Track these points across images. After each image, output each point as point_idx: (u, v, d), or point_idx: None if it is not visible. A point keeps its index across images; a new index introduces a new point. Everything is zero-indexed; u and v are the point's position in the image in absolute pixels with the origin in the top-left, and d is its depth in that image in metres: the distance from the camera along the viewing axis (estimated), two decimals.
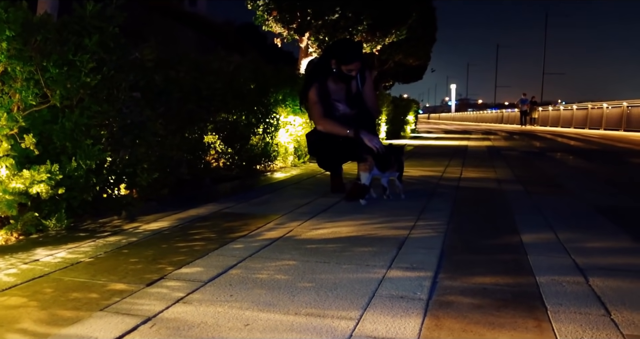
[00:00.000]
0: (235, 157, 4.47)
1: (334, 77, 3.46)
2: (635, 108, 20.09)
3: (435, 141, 11.80)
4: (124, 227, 2.53)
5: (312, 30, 9.18)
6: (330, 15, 8.74)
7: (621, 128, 20.59)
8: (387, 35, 10.28)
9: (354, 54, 3.41)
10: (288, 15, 8.86)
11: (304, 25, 8.96)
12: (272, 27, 9.15)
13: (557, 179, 4.91)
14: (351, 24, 8.99)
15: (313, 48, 9.65)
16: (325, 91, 3.46)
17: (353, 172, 3.63)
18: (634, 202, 3.62)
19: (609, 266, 2.01)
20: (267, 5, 8.82)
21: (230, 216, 2.87)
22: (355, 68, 3.39)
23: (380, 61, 17.22)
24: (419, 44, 17.88)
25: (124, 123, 2.76)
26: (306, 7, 8.68)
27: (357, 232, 2.52)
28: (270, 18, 8.98)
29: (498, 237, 2.48)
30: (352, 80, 3.49)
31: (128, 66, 2.74)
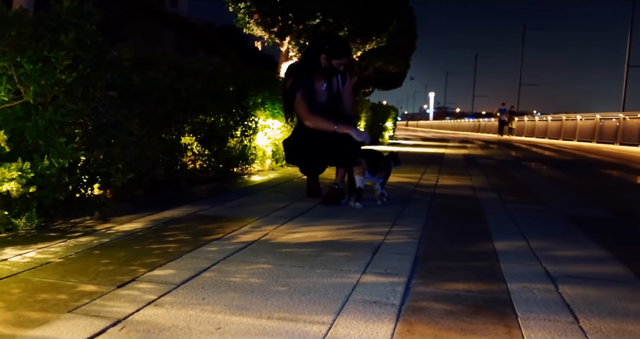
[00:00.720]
0: (212, 159, 4.44)
1: (318, 75, 3.45)
2: (608, 120, 20.56)
3: (413, 148, 11.89)
4: (97, 228, 2.49)
5: (293, 35, 9.19)
6: (311, 20, 8.76)
7: (594, 140, 21.04)
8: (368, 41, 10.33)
9: (344, 47, 3.47)
10: (269, 19, 8.85)
11: (285, 29, 8.96)
12: (253, 30, 9.12)
13: (531, 188, 4.98)
14: (332, 30, 9.00)
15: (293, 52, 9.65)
16: (309, 88, 3.45)
17: (330, 177, 3.63)
18: (604, 213, 3.70)
19: (579, 274, 2.05)
20: (249, 8, 8.79)
21: (206, 218, 2.84)
22: (344, 63, 3.43)
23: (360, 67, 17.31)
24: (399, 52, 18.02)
25: (99, 122, 2.72)
26: (288, 11, 8.68)
27: (332, 237, 2.52)
28: (251, 21, 8.95)
29: (472, 244, 2.50)
30: (333, 79, 3.49)
31: (105, 65, 2.71)
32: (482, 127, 40.62)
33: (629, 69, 28.68)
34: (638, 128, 17.99)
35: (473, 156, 9.66)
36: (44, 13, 2.45)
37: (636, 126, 18.16)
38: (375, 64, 17.47)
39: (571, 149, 14.85)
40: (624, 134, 18.94)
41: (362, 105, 10.72)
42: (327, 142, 3.36)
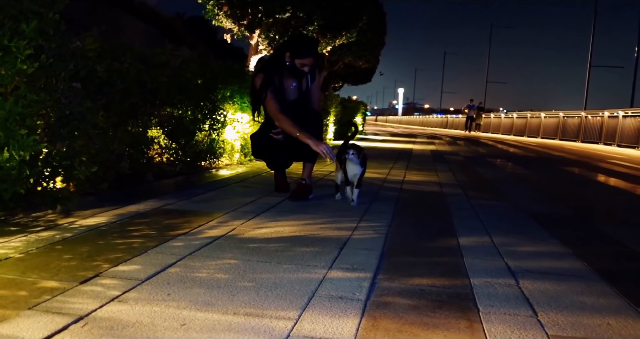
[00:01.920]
0: (179, 152, 4.39)
1: (286, 73, 3.44)
2: (570, 119, 21.14)
3: (382, 144, 11.98)
4: (59, 222, 2.44)
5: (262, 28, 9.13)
6: (281, 13, 8.72)
7: (557, 137, 21.60)
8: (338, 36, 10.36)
9: (309, 48, 3.43)
10: (239, 11, 8.77)
11: (255, 22, 8.89)
12: (223, 22, 9.03)
13: (495, 184, 5.09)
14: (302, 24, 8.99)
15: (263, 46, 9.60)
16: (279, 87, 3.45)
17: (298, 172, 3.64)
18: (564, 209, 3.81)
19: (539, 269, 2.11)
20: (218, 0, 8.70)
21: (172, 212, 2.82)
22: (308, 63, 3.40)
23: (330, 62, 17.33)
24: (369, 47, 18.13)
25: (62, 114, 2.65)
26: (257, 4, 8.62)
27: (299, 232, 2.52)
28: (220, 13, 8.86)
29: (437, 239, 2.55)
30: (302, 78, 3.49)
31: (68, 55, 2.64)
32: (450, 123, 41.21)
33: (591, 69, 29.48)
34: (599, 126, 18.55)
35: (440, 152, 9.80)
36: (5, 0, 2.37)
37: (597, 124, 18.72)
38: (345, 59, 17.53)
39: (535, 146, 15.20)
40: (586, 132, 19.51)
41: (331, 99, 10.73)
42: (294, 137, 3.37)
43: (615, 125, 17.24)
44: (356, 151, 3.27)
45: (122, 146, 3.41)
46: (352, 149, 3.27)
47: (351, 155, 3.25)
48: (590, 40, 29.33)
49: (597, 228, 3.14)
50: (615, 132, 17.20)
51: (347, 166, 3.30)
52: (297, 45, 3.41)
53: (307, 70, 3.42)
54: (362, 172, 3.32)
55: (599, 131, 18.42)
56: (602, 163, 9.40)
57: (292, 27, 9.03)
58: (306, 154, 3.44)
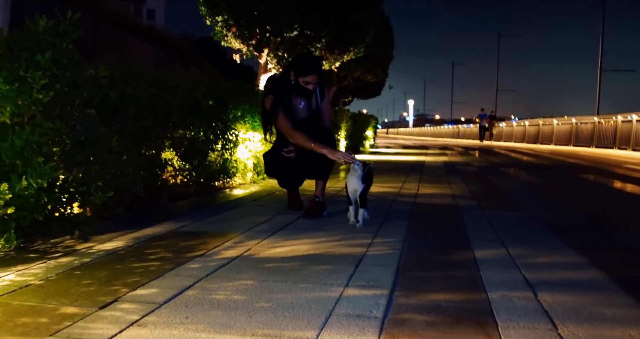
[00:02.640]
0: (193, 173, 4.42)
1: (294, 92, 3.49)
2: (583, 125, 20.96)
3: (394, 157, 11.98)
4: (77, 248, 2.47)
5: (271, 47, 9.23)
6: (289, 32, 8.82)
7: (570, 144, 21.42)
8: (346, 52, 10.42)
9: (311, 66, 3.47)
10: (247, 32, 8.89)
11: (263, 41, 9.00)
12: (231, 43, 9.15)
13: (509, 194, 5.06)
14: (310, 42, 9.08)
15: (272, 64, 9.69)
16: (288, 106, 3.49)
17: (311, 189, 3.65)
18: (580, 218, 3.77)
19: (557, 280, 2.09)
20: (226, 22, 8.82)
21: (187, 234, 2.84)
22: (312, 81, 3.43)
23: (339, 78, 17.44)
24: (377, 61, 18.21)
25: (77, 140, 2.70)
26: (265, 24, 8.73)
27: (315, 250, 2.53)
28: (229, 34, 8.98)
29: (452, 253, 2.54)
30: (312, 96, 3.53)
31: (82, 82, 2.70)
32: (462, 133, 41.10)
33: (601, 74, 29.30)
34: (612, 131, 18.37)
35: (453, 164, 9.77)
36: (20, 32, 2.44)
37: (610, 129, 18.55)
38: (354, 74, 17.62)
39: (549, 154, 15.09)
40: (599, 138, 19.32)
41: (341, 115, 10.77)
42: (306, 155, 3.39)
43: (630, 129, 17.07)
44: (362, 163, 3.13)
45: (136, 170, 3.45)
46: (357, 162, 3.13)
47: (356, 165, 3.09)
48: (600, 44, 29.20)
49: (615, 236, 3.11)
50: (629, 136, 17.02)
51: (348, 180, 3.12)
52: (300, 64, 3.47)
53: (312, 87, 3.45)
54: (365, 189, 3.11)
55: (613, 136, 18.24)
56: (617, 169, 9.30)
57: (300, 45, 9.12)
58: (318, 171, 3.46)
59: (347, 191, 3.17)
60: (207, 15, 8.95)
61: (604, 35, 29.07)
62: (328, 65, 10.48)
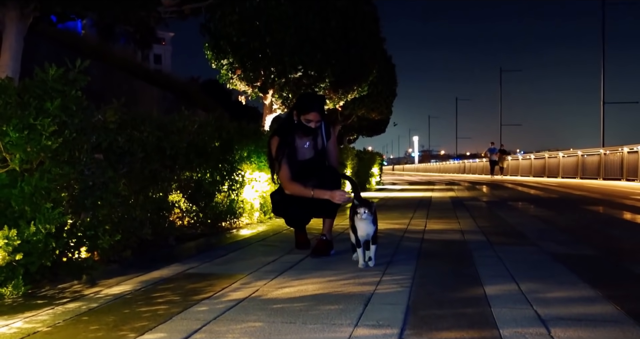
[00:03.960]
0: (200, 215, 4.44)
1: (299, 132, 3.52)
2: (590, 157, 20.93)
3: (400, 193, 11.96)
4: (85, 293, 2.46)
5: (275, 88, 9.39)
6: (293, 73, 8.98)
7: (577, 176, 21.34)
8: (349, 91, 10.58)
9: (312, 103, 3.51)
10: (252, 74, 9.06)
11: (268, 83, 9.16)
12: (237, 85, 9.32)
13: (518, 228, 5.02)
14: (313, 82, 9.23)
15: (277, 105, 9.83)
16: (291, 147, 3.52)
17: (318, 227, 3.64)
18: (591, 250, 3.73)
19: (570, 315, 2.06)
20: (231, 65, 9.01)
21: (195, 276, 2.83)
22: (314, 119, 3.45)
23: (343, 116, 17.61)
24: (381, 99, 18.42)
25: (85, 185, 2.73)
26: (269, 66, 8.91)
27: (323, 289, 2.51)
28: (234, 77, 9.16)
29: (462, 290, 2.51)
30: (317, 136, 3.56)
31: (90, 128, 2.75)
32: (468, 168, 41.09)
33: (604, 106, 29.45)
34: (619, 162, 18.32)
35: (460, 199, 9.73)
36: (30, 81, 2.50)
37: (617, 161, 18.51)
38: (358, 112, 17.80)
39: (556, 186, 15.02)
40: (606, 169, 19.26)
41: (347, 152, 10.83)
42: None
43: (636, 160, 17.02)
44: (368, 208, 3.01)
45: (143, 212, 3.47)
46: (364, 206, 3.01)
47: (365, 214, 2.99)
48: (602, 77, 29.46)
49: (627, 268, 3.07)
50: (636, 167, 16.96)
51: (358, 225, 3.03)
52: (301, 102, 3.54)
53: (314, 125, 3.47)
54: (375, 230, 3.07)
55: (620, 168, 18.18)
56: (626, 200, 9.23)
57: (304, 85, 9.28)
58: (325, 209, 3.46)
59: (356, 235, 3.06)
60: (213, 59, 9.16)
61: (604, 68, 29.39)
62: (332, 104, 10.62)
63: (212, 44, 9.11)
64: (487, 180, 22.48)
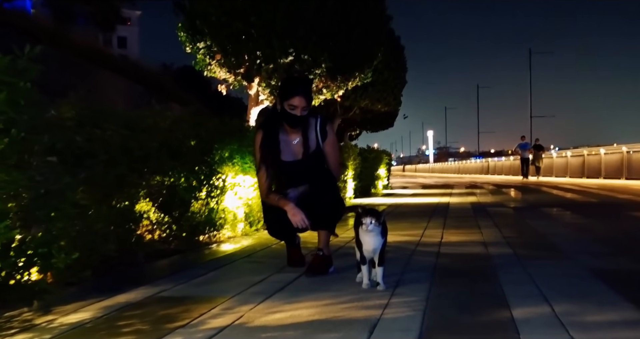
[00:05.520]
0: (173, 227, 4.44)
1: (284, 124, 3.50)
2: (637, 153, 20.93)
3: (412, 199, 11.98)
4: (36, 322, 2.46)
5: (262, 76, 9.38)
6: (283, 58, 8.99)
7: (622, 176, 21.37)
8: (350, 79, 10.58)
9: (296, 86, 3.50)
10: (234, 59, 9.05)
11: (253, 70, 9.16)
12: (216, 72, 9.32)
13: (550, 239, 5.03)
14: (308, 68, 9.23)
15: (264, 95, 9.83)
16: (276, 144, 3.49)
17: (314, 241, 3.64)
18: (635, 265, 3.74)
19: None
20: (210, 49, 9.00)
21: (168, 300, 2.83)
22: (299, 105, 3.41)
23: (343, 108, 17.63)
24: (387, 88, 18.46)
25: (37, 193, 2.72)
26: (255, 50, 8.90)
27: (320, 314, 2.51)
28: (213, 62, 9.15)
29: (485, 313, 2.51)
30: (308, 130, 3.53)
31: (43, 126, 2.74)
32: (492, 168, 41.18)
33: None
34: None
35: (482, 205, 9.76)
36: None
37: None
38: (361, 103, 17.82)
39: (597, 189, 15.07)
40: None
41: (348, 151, 10.84)
42: (307, 201, 3.40)
43: None
44: (376, 218, 2.96)
45: (107, 225, 3.47)
46: (371, 216, 2.95)
47: (371, 225, 2.93)
48: None
49: None
50: None
51: (363, 238, 2.99)
52: (283, 86, 3.56)
53: (299, 113, 3.43)
54: (384, 245, 3.04)
55: None
56: None
57: (296, 72, 9.28)
58: (320, 220, 3.45)
59: (361, 251, 3.04)
60: (188, 42, 9.15)
61: None
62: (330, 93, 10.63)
63: (187, 24, 9.12)
64: (515, 182, 22.51)
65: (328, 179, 3.53)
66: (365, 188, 12.69)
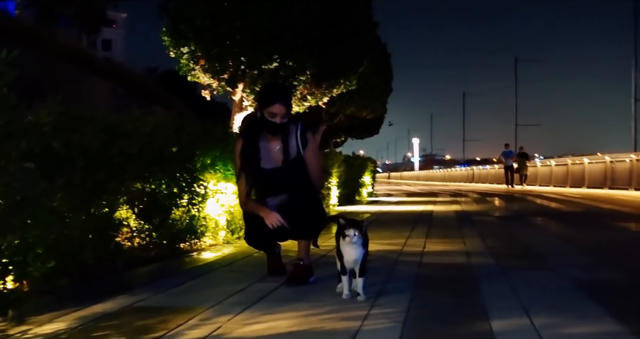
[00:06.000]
0: (153, 234, 4.41)
1: (264, 131, 3.49)
2: (619, 163, 21.16)
3: (396, 207, 12.00)
4: (10, 332, 2.42)
5: (246, 81, 9.37)
6: (268, 64, 8.99)
7: (605, 186, 21.57)
8: (335, 85, 10.61)
9: (276, 93, 3.51)
10: (218, 65, 9.04)
11: (237, 75, 9.15)
12: (200, 77, 9.29)
13: (534, 249, 5.06)
14: (292, 74, 9.24)
15: (249, 101, 9.82)
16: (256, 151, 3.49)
17: (295, 250, 3.63)
18: (619, 276, 3.77)
19: None
20: (193, 53, 8.98)
21: (145, 310, 2.80)
22: (279, 112, 3.40)
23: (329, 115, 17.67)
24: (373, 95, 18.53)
25: (12, 200, 2.69)
26: (239, 55, 8.90)
27: (299, 325, 2.50)
28: (197, 67, 9.13)
29: (464, 325, 2.52)
30: (289, 137, 3.52)
31: (20, 132, 2.71)
32: (477, 176, 41.41)
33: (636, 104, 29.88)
34: None
35: (466, 213, 9.80)
36: None
37: None
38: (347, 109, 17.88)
39: (580, 198, 15.20)
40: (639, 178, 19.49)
41: (332, 158, 10.85)
42: (286, 209, 3.39)
43: None
44: (358, 229, 2.94)
45: (84, 233, 3.44)
46: (354, 228, 2.94)
47: (355, 237, 2.91)
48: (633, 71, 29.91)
49: None
50: None
51: (344, 249, 2.97)
52: (262, 93, 3.56)
53: (279, 120, 3.42)
54: (365, 256, 3.01)
55: None
56: None
57: (280, 77, 9.29)
58: (300, 230, 3.44)
59: (342, 261, 3.02)
60: (172, 46, 9.13)
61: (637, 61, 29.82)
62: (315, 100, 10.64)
63: (172, 28, 9.09)
64: (499, 190, 22.64)
65: (308, 189, 3.51)
66: (349, 195, 12.70)
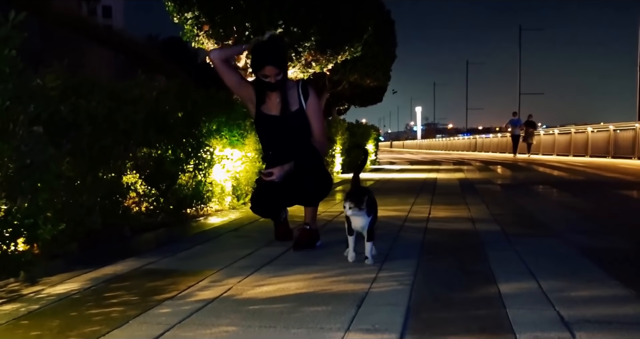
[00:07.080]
0: (160, 200, 4.42)
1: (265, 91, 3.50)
2: (623, 132, 21.10)
3: (400, 174, 12.02)
4: (23, 292, 2.46)
5: None
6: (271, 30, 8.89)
7: (609, 155, 21.55)
8: (340, 52, 10.49)
9: (264, 55, 3.40)
10: (222, 30, 8.94)
11: (242, 41, 9.06)
12: (204, 43, 9.20)
13: (538, 216, 5.08)
14: (296, 40, 9.14)
15: None
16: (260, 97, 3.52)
17: (301, 215, 3.65)
18: (623, 242, 3.79)
19: (598, 318, 2.10)
20: (197, 19, 8.87)
21: (155, 273, 2.83)
22: (271, 74, 3.38)
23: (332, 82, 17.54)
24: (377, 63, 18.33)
25: (22, 164, 2.70)
26: (244, 21, 8.80)
27: (308, 288, 2.53)
28: (201, 33, 9.03)
29: (472, 288, 2.54)
30: (289, 92, 3.51)
31: (27, 96, 2.71)
32: (480, 145, 41.35)
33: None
34: None
35: (470, 181, 9.81)
36: None
37: None
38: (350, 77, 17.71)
39: (583, 167, 15.20)
40: None
41: (336, 126, 10.83)
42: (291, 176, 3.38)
43: None
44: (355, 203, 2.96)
45: (92, 197, 3.46)
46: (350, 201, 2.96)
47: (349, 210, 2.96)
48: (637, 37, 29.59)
49: None
50: None
51: (350, 216, 3.03)
52: (252, 56, 3.49)
53: (273, 80, 3.39)
54: (372, 222, 3.05)
55: None
56: None
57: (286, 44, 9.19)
58: (304, 195, 3.45)
59: (349, 224, 3.07)
60: (175, 11, 9.01)
61: None
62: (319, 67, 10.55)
63: None
64: (502, 159, 22.63)
65: (313, 153, 3.48)
66: (353, 163, 12.70)
